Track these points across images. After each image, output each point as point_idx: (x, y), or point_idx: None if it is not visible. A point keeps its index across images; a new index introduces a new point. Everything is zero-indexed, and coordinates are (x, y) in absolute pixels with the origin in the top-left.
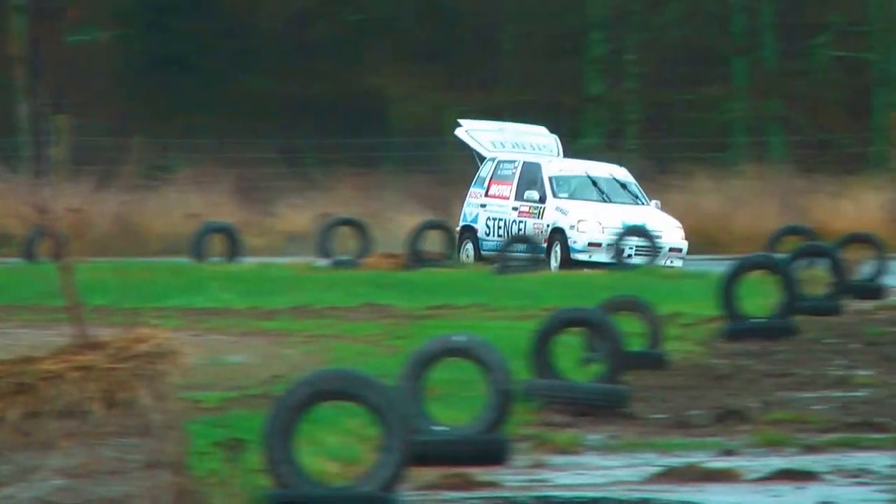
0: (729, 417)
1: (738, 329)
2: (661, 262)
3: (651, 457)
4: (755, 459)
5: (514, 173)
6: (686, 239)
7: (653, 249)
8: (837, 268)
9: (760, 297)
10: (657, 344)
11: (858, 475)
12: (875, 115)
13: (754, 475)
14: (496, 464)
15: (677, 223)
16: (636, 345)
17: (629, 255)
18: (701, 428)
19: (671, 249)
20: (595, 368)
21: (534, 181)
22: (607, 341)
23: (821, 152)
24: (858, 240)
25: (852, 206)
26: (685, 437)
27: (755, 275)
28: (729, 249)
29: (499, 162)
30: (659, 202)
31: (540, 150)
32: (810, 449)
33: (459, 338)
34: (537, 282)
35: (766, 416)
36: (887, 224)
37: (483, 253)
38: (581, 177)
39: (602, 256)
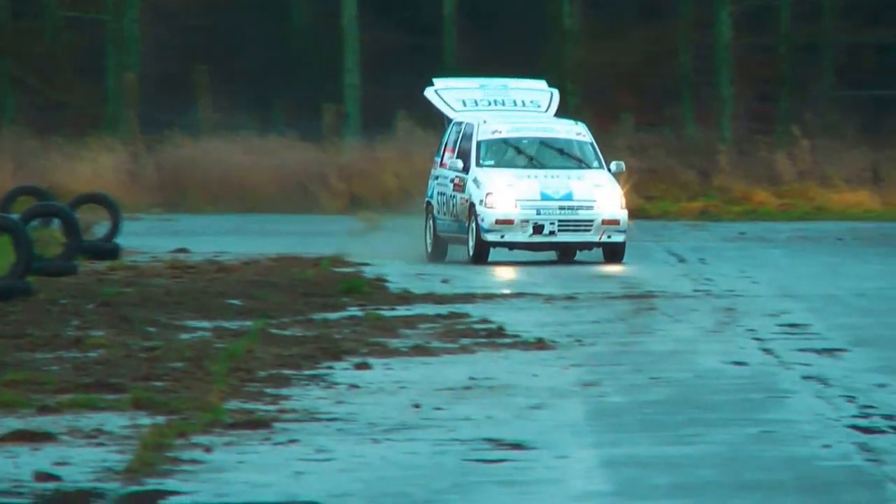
0: None
1: None
2: (597, 238)
3: None
4: None
5: (457, 138)
6: (623, 208)
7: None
8: (71, 228)
9: None
10: None
11: (95, 436)
12: (109, 77)
13: None
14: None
15: (619, 191)
16: None
17: (551, 232)
18: None
19: (605, 221)
20: None
21: (468, 147)
22: None
23: (55, 113)
24: (93, 200)
25: (89, 168)
26: None
27: None
28: None
29: (463, 124)
30: (622, 164)
31: (525, 106)
32: (46, 410)
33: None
34: None
35: (3, 375)
36: (122, 184)
37: (439, 233)
38: (519, 139)
39: (517, 235)
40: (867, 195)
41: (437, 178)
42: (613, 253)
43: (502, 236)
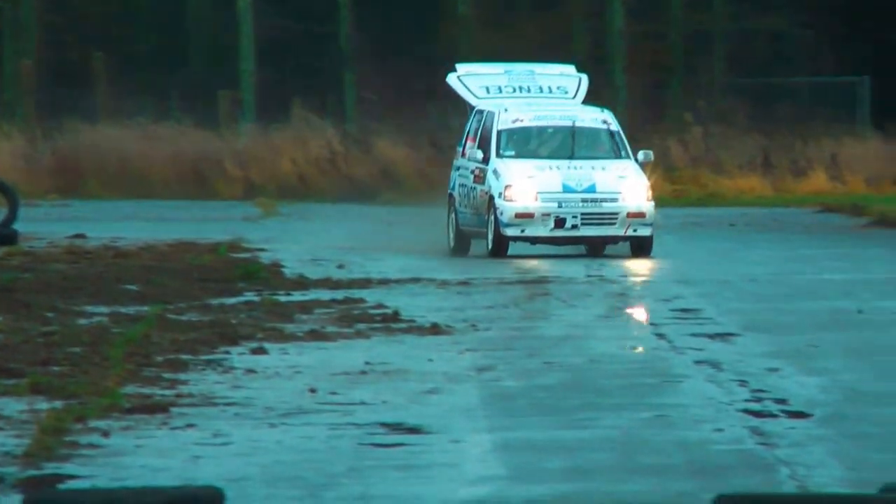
0: None
1: None
2: (622, 231)
3: None
4: None
5: (479, 127)
6: (650, 200)
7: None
8: None
9: None
10: None
11: None
12: (5, 64)
13: None
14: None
15: (645, 182)
16: None
17: (573, 226)
18: None
19: (630, 214)
20: None
21: (488, 137)
22: None
23: None
24: None
25: None
26: None
27: None
28: None
29: (485, 113)
30: (650, 154)
31: (552, 93)
32: None
33: None
34: None
35: None
36: (19, 171)
37: (461, 227)
38: (541, 128)
39: (538, 229)
40: (758, 181)
41: (458, 168)
42: (640, 247)
43: (522, 231)
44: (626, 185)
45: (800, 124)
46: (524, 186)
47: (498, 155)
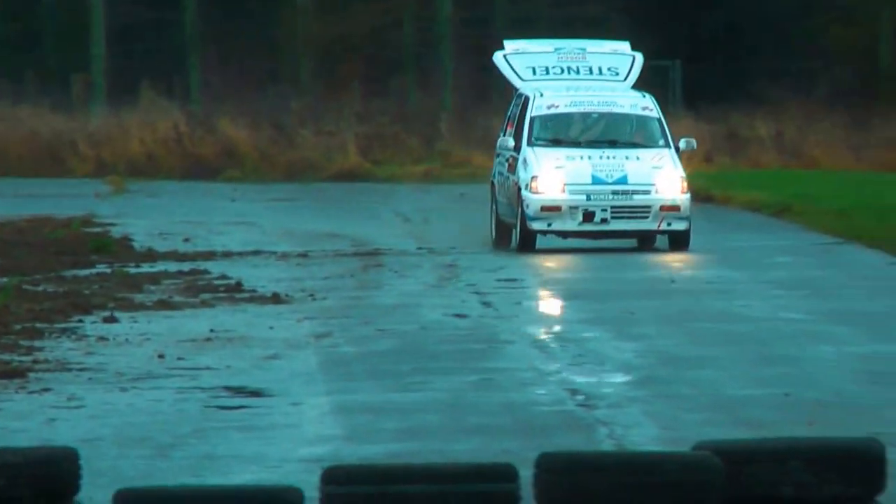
0: None
1: None
2: (655, 226)
3: None
4: None
5: (518, 112)
6: (686, 192)
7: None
8: None
9: None
10: None
11: None
12: None
13: None
14: None
15: (681, 173)
16: None
17: (603, 220)
18: None
19: (663, 208)
20: None
21: (523, 122)
22: None
23: None
24: None
25: None
26: None
27: None
28: None
29: (523, 97)
30: (693, 142)
31: (602, 74)
32: None
33: None
34: None
35: None
36: None
37: (501, 218)
38: (577, 115)
39: (566, 223)
40: None
41: (497, 156)
42: (676, 241)
43: (549, 224)
44: (661, 177)
45: None
46: (551, 177)
47: (529, 143)
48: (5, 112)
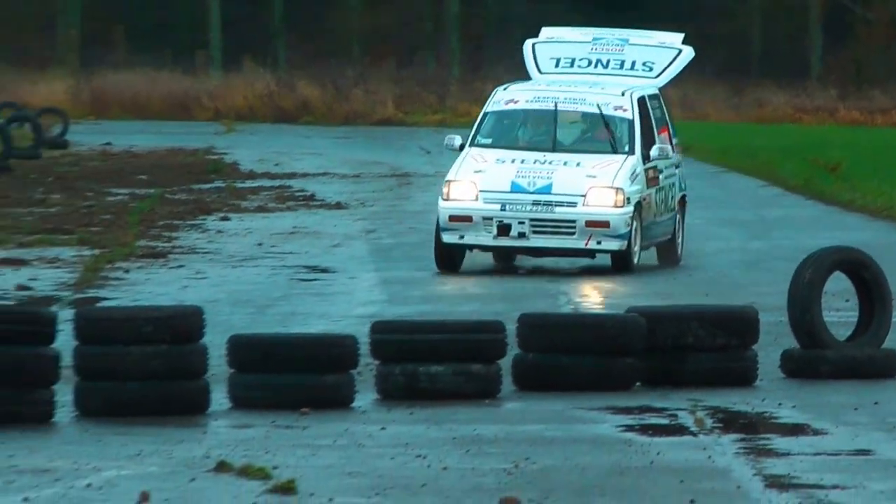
0: None
1: None
2: (582, 244)
3: None
4: None
5: None
6: (621, 206)
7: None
8: (38, 128)
9: None
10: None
11: (54, 262)
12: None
13: None
14: None
15: (620, 185)
16: None
17: (521, 234)
18: None
19: (589, 223)
20: None
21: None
22: None
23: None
24: (51, 111)
25: (46, 89)
26: None
27: None
28: None
29: None
30: (666, 148)
31: (633, 69)
32: (23, 245)
33: None
34: None
35: None
36: (70, 101)
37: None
38: (538, 112)
39: (480, 236)
40: None
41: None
42: (615, 263)
43: (462, 237)
44: (592, 188)
45: None
46: (467, 184)
47: (472, 142)
48: (151, 75)
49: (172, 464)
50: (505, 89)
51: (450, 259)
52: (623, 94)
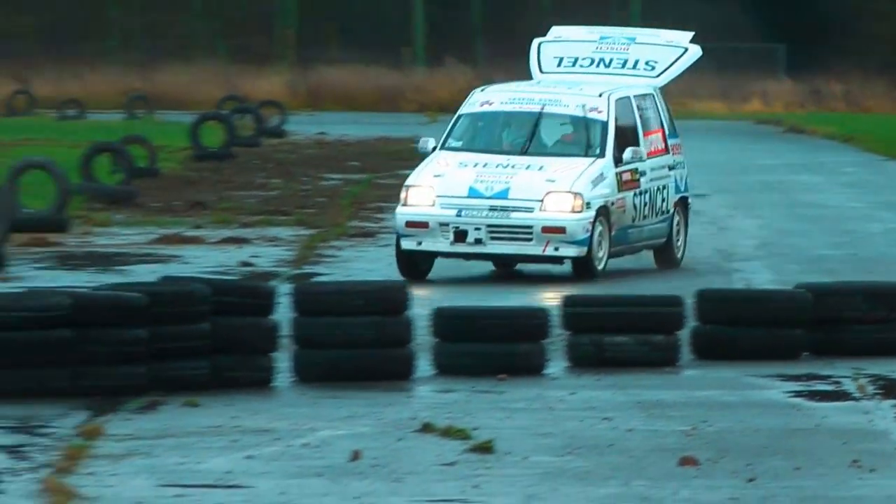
0: (197, 206)
1: (200, 155)
2: (540, 250)
3: (152, 228)
4: (213, 231)
5: None
6: (578, 211)
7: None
8: (258, 119)
9: (215, 136)
10: (154, 163)
11: (274, 240)
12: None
13: (213, 239)
14: (61, 232)
15: (579, 190)
16: (141, 164)
17: (477, 240)
18: (180, 212)
19: (545, 229)
20: (118, 178)
21: None
22: (124, 161)
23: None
24: (270, 104)
25: (266, 83)
26: (171, 217)
27: (213, 123)
28: (191, 107)
29: None
30: (640, 151)
31: (635, 68)
32: (246, 225)
33: (38, 158)
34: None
35: (219, 205)
36: (287, 94)
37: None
38: (511, 114)
39: (437, 242)
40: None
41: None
42: (576, 268)
43: (419, 243)
44: (550, 193)
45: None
46: (424, 188)
47: (443, 145)
48: (361, 70)
49: (382, 425)
50: (482, 91)
51: (412, 266)
52: (601, 96)
